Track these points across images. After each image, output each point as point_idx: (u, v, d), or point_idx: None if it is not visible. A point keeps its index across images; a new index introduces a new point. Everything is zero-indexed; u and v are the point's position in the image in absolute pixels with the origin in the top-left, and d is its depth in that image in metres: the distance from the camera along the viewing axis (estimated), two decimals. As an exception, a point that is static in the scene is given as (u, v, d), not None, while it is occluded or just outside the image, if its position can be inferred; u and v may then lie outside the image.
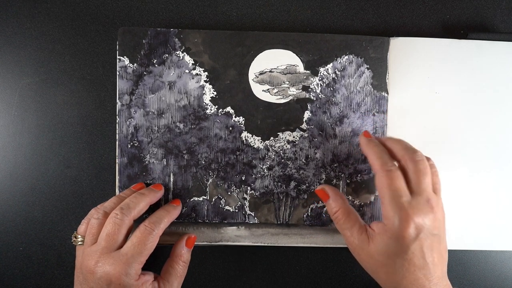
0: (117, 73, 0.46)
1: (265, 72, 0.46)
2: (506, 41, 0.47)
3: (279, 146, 0.46)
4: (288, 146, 0.46)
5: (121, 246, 0.39)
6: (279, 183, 0.47)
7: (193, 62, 0.46)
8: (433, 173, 0.40)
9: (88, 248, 0.40)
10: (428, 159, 0.40)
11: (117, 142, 0.46)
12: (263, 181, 0.47)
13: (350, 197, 0.47)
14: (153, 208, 0.44)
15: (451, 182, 0.47)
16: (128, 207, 0.40)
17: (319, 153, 0.47)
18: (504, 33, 0.48)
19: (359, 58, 0.46)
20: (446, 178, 0.47)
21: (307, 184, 0.47)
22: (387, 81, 0.46)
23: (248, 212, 0.46)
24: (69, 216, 0.48)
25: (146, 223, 0.41)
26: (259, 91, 0.46)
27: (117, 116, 0.46)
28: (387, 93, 0.47)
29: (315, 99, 0.46)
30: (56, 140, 0.47)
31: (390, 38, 0.47)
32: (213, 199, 0.46)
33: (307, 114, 0.47)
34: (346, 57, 0.46)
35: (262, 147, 0.46)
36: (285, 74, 0.46)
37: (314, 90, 0.46)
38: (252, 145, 0.46)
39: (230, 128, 0.46)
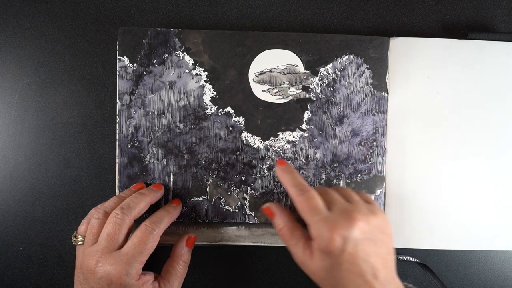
0: (117, 73, 0.46)
1: (265, 72, 0.46)
2: (506, 41, 0.47)
3: (279, 146, 0.46)
4: (288, 146, 0.46)
5: (121, 246, 0.39)
6: (279, 183, 0.47)
7: (193, 62, 0.46)
8: (338, 189, 0.42)
9: (89, 248, 0.40)
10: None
11: (117, 142, 0.46)
12: (263, 181, 0.47)
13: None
14: (153, 208, 0.44)
15: (451, 182, 0.47)
16: (128, 207, 0.40)
17: (319, 153, 0.47)
18: (504, 33, 0.48)
19: (359, 58, 0.46)
20: (446, 178, 0.47)
21: (307, 184, 0.47)
22: (387, 81, 0.46)
23: (248, 212, 0.46)
24: (69, 216, 0.48)
25: (147, 222, 0.41)
26: (259, 91, 0.46)
27: (117, 116, 0.46)
28: (387, 93, 0.47)
29: (315, 99, 0.46)
30: (56, 140, 0.47)
31: (390, 38, 0.47)
32: (213, 199, 0.46)
33: (307, 114, 0.47)
34: (346, 57, 0.46)
35: (262, 147, 0.46)
36: (285, 74, 0.46)
37: (314, 90, 0.46)
38: (252, 145, 0.46)
39: (230, 128, 0.46)
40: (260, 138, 0.46)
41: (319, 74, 0.46)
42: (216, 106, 0.46)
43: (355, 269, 0.37)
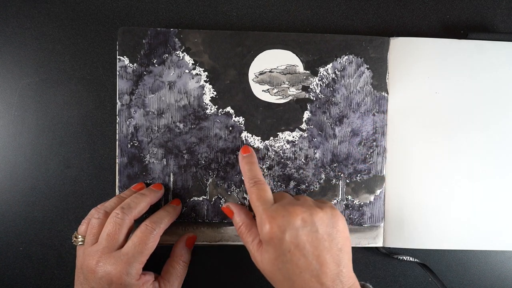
0: (117, 73, 0.46)
1: (265, 72, 0.46)
2: (506, 41, 0.47)
3: (278, 146, 0.46)
4: (288, 146, 0.46)
5: (122, 246, 0.39)
6: (279, 183, 0.47)
7: (193, 62, 0.46)
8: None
9: (89, 248, 0.40)
10: None
11: (117, 142, 0.46)
12: (263, 181, 0.47)
13: (349, 197, 0.47)
14: (153, 208, 0.44)
15: (451, 182, 0.47)
16: (128, 207, 0.41)
17: (318, 153, 0.47)
18: (504, 33, 0.48)
19: (359, 58, 0.46)
20: (446, 178, 0.47)
21: (306, 184, 0.47)
22: (387, 81, 0.46)
23: (248, 212, 0.46)
24: (69, 216, 0.48)
25: (147, 222, 0.41)
26: (259, 91, 0.46)
27: (117, 116, 0.46)
28: (387, 93, 0.47)
29: (314, 99, 0.46)
30: (56, 140, 0.47)
31: (390, 38, 0.47)
32: (213, 199, 0.46)
33: (306, 114, 0.47)
34: (346, 57, 0.46)
35: (262, 147, 0.46)
36: (285, 74, 0.46)
37: (314, 90, 0.46)
38: (252, 145, 0.46)
39: (230, 128, 0.46)
40: (260, 138, 0.46)
41: (318, 74, 0.46)
42: (216, 106, 0.46)
43: (299, 262, 0.36)
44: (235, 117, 0.46)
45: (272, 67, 0.46)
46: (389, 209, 0.47)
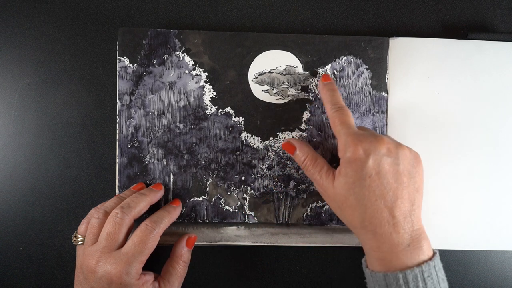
0: (117, 73, 0.46)
1: (265, 72, 0.46)
2: (506, 41, 0.47)
3: (278, 146, 0.47)
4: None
5: (121, 246, 0.39)
6: (279, 183, 0.47)
7: (193, 63, 0.46)
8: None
9: (89, 247, 0.40)
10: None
11: (117, 142, 0.46)
12: (263, 181, 0.47)
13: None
14: (153, 209, 0.44)
15: (450, 182, 0.47)
16: (128, 206, 0.41)
17: (318, 153, 0.47)
18: (504, 33, 0.48)
19: (358, 59, 0.46)
20: (445, 178, 0.47)
21: (306, 184, 0.47)
22: (387, 81, 0.46)
23: (248, 212, 0.47)
24: (69, 216, 0.48)
25: (147, 222, 0.41)
26: (259, 91, 0.46)
27: (117, 116, 0.46)
28: (387, 93, 0.47)
29: (314, 99, 0.46)
30: (56, 140, 0.47)
31: (390, 38, 0.47)
32: (213, 199, 0.46)
33: (306, 115, 0.47)
34: (345, 57, 0.46)
35: (262, 147, 0.47)
36: (284, 75, 0.46)
37: (313, 91, 0.46)
38: (251, 145, 0.46)
39: (230, 128, 0.46)
40: (259, 138, 0.46)
41: (318, 75, 0.46)
42: (216, 107, 0.46)
43: (377, 189, 0.37)
44: (235, 117, 0.46)
45: (272, 67, 0.46)
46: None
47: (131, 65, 0.46)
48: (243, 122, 0.46)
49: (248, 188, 0.46)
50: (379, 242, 0.37)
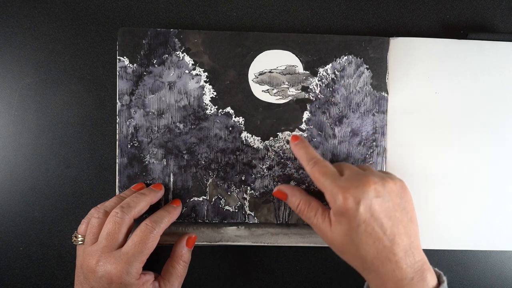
0: (117, 73, 0.46)
1: (265, 72, 0.46)
2: (506, 41, 0.47)
3: (278, 146, 0.47)
4: (288, 146, 0.46)
5: (121, 245, 0.39)
6: (279, 183, 0.47)
7: (193, 63, 0.46)
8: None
9: (89, 247, 0.40)
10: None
11: (117, 142, 0.46)
12: (263, 181, 0.47)
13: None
14: (153, 209, 0.44)
15: (451, 182, 0.47)
16: (128, 206, 0.41)
17: (318, 153, 0.47)
18: (504, 33, 0.48)
19: (359, 59, 0.46)
20: (446, 178, 0.47)
21: (306, 184, 0.47)
22: (387, 81, 0.46)
23: (248, 212, 0.46)
24: (69, 216, 0.48)
25: (147, 221, 0.41)
26: (259, 91, 0.46)
27: (117, 116, 0.46)
28: (387, 93, 0.47)
29: (314, 99, 0.46)
30: (56, 140, 0.47)
31: (390, 38, 0.47)
32: (213, 199, 0.46)
33: (306, 115, 0.47)
34: (346, 57, 0.46)
35: (262, 147, 0.47)
36: (285, 75, 0.46)
37: (314, 91, 0.46)
38: (251, 145, 0.46)
39: (230, 128, 0.46)
40: (259, 138, 0.46)
41: (318, 74, 0.46)
42: (216, 107, 0.46)
43: (373, 232, 0.37)
44: (235, 117, 0.46)
45: (272, 67, 0.46)
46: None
47: (131, 65, 0.46)
48: (243, 122, 0.46)
49: (248, 188, 0.46)
50: (383, 280, 0.37)
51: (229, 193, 0.47)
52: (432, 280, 0.37)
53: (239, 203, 0.47)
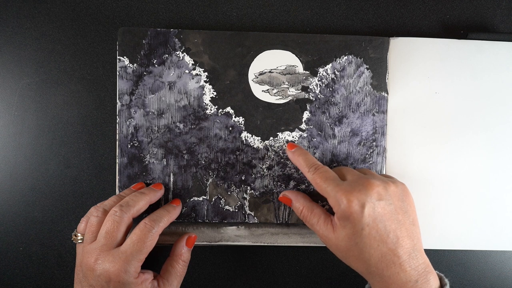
0: (117, 73, 0.46)
1: (265, 72, 0.46)
2: (506, 41, 0.47)
3: (278, 146, 0.47)
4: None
5: (120, 244, 0.40)
6: (279, 183, 0.47)
7: (193, 63, 0.46)
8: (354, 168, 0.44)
9: (88, 245, 0.40)
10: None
11: (117, 142, 0.46)
12: (263, 180, 0.47)
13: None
14: (153, 208, 0.44)
15: (451, 182, 0.47)
16: (127, 205, 0.41)
17: (318, 153, 0.47)
18: (504, 33, 0.48)
19: (359, 59, 0.46)
20: (446, 178, 0.47)
21: (306, 184, 0.47)
22: (387, 81, 0.46)
23: (248, 211, 0.46)
24: (69, 216, 0.48)
25: (146, 220, 0.41)
26: (259, 91, 0.46)
27: (117, 116, 0.46)
28: (387, 93, 0.47)
29: (314, 99, 0.46)
30: (56, 140, 0.47)
31: (390, 38, 0.47)
32: (213, 199, 0.46)
33: (306, 114, 0.47)
34: (346, 57, 0.46)
35: (262, 147, 0.47)
36: (285, 75, 0.46)
37: (314, 91, 0.46)
38: (251, 145, 0.46)
39: (230, 128, 0.46)
40: (259, 138, 0.46)
41: (318, 74, 0.46)
42: (216, 106, 0.46)
43: (377, 235, 0.37)
44: (235, 117, 0.46)
45: (272, 67, 0.46)
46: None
47: (131, 65, 0.46)
48: (243, 122, 0.46)
49: (248, 188, 0.46)
50: (387, 284, 0.37)
51: (229, 193, 0.47)
52: (435, 282, 0.38)
53: (239, 203, 0.47)
